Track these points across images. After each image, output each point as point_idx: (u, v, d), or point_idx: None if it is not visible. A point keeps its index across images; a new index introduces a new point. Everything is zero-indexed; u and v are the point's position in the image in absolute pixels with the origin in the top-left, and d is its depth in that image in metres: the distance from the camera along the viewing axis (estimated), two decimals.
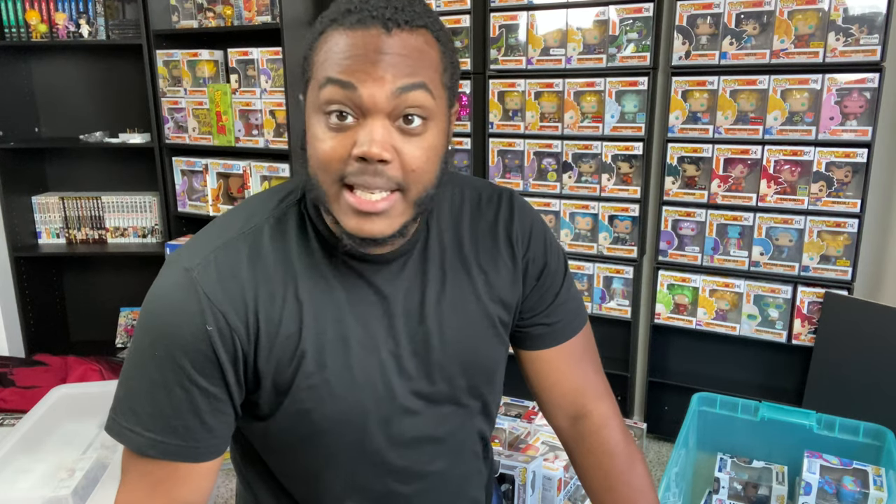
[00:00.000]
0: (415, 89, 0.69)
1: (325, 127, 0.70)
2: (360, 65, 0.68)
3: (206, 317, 0.73)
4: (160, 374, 0.74)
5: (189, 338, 0.73)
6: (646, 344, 2.41)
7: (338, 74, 0.68)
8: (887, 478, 1.53)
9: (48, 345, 3.06)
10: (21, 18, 2.84)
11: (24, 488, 1.56)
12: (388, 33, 0.69)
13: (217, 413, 0.77)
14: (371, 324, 0.80)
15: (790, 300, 2.12)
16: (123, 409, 0.77)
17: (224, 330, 0.73)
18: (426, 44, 0.71)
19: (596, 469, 0.93)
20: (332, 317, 0.78)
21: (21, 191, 3.00)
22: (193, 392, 0.75)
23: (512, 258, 0.88)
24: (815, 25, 1.95)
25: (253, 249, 0.77)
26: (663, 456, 2.36)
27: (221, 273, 0.75)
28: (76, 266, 3.23)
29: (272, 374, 0.77)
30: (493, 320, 0.87)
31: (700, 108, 2.14)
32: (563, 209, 2.39)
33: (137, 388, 0.76)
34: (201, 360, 0.74)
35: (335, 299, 0.79)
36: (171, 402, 0.75)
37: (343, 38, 0.69)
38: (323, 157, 0.70)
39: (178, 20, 2.87)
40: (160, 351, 0.74)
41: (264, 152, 2.77)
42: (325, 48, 0.70)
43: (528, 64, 2.35)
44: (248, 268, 0.76)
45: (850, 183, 1.99)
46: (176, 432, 0.76)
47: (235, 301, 0.74)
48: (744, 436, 1.80)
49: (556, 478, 1.64)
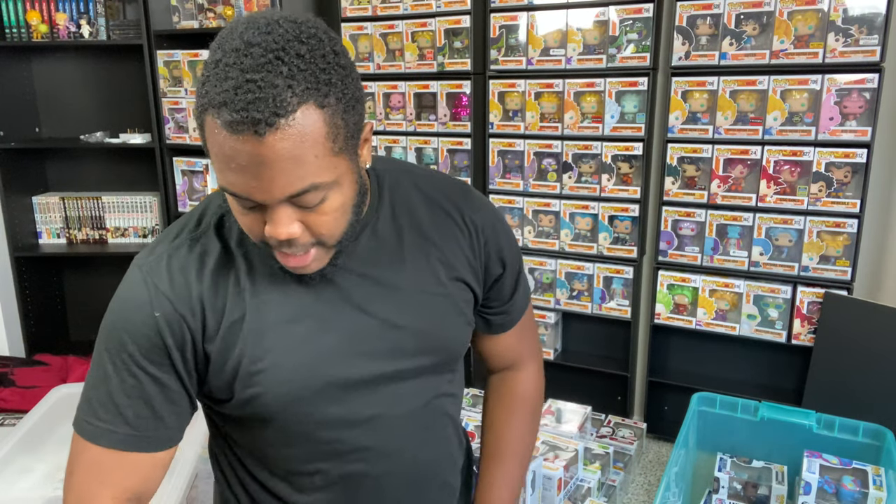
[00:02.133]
0: (304, 193, 0.69)
1: (235, 202, 0.73)
2: (246, 180, 0.68)
3: (153, 305, 0.77)
4: (112, 363, 0.78)
5: (139, 325, 0.77)
6: (646, 344, 2.41)
7: (231, 188, 0.70)
8: (887, 477, 1.53)
9: (48, 345, 3.06)
10: (22, 19, 2.84)
11: (24, 488, 1.56)
12: (262, 139, 0.65)
13: (168, 403, 0.80)
14: (322, 307, 0.82)
15: (790, 300, 2.12)
16: (82, 401, 0.81)
17: (171, 316, 0.77)
18: (302, 130, 0.67)
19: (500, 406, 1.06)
20: (277, 303, 0.80)
21: (21, 191, 3.00)
22: (143, 380, 0.78)
23: (472, 247, 0.91)
24: (815, 26, 1.95)
25: (202, 246, 0.81)
26: (663, 456, 2.36)
27: (171, 268, 0.79)
28: (76, 266, 3.23)
29: (221, 360, 0.80)
30: (454, 300, 0.89)
31: (700, 109, 2.14)
32: (563, 209, 2.39)
33: (92, 380, 0.80)
34: (148, 346, 0.77)
35: (281, 286, 0.81)
36: (123, 390, 0.78)
37: (222, 139, 0.66)
38: (243, 225, 0.75)
39: (179, 20, 2.87)
40: (113, 342, 0.78)
41: None
42: (211, 140, 0.68)
43: (528, 64, 2.35)
44: (195, 263, 0.80)
45: (850, 183, 1.99)
46: (127, 421, 0.79)
47: (182, 291, 0.78)
48: (743, 435, 1.80)
49: (556, 478, 1.65)
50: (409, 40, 2.53)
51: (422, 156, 2.59)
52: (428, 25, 2.48)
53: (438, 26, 2.45)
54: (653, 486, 2.18)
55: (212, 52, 0.69)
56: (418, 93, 2.55)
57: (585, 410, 2.12)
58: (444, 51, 2.47)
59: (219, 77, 0.66)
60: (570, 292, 2.45)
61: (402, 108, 2.60)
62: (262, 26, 0.67)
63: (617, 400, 2.50)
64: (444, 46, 2.47)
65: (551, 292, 2.48)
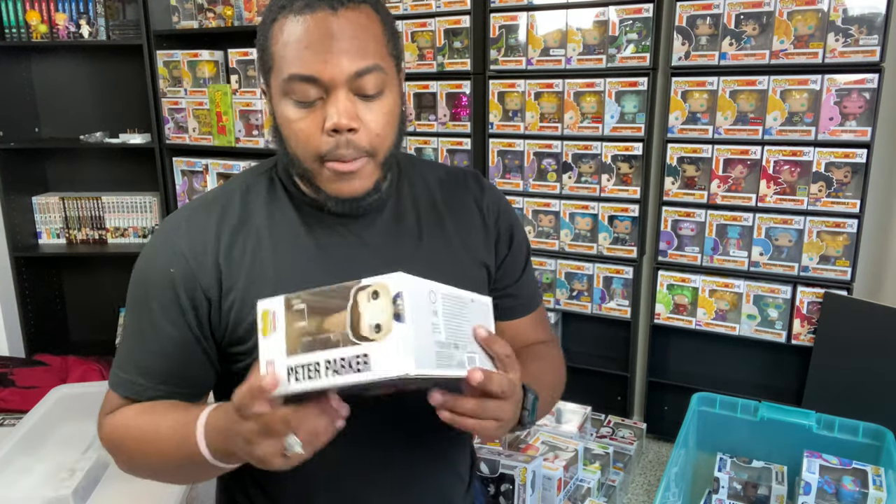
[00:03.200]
0: (369, 73, 0.76)
1: (294, 108, 0.77)
2: (317, 54, 0.74)
3: (171, 261, 0.81)
4: (135, 318, 0.84)
5: (156, 280, 0.81)
6: (645, 344, 2.41)
7: (299, 70, 0.75)
8: (886, 478, 1.53)
9: (48, 345, 3.05)
10: (21, 19, 2.84)
11: (24, 488, 1.56)
12: (335, 13, 0.74)
13: (185, 362, 0.83)
14: (344, 269, 0.83)
15: (790, 300, 2.12)
16: (116, 356, 0.87)
17: (186, 273, 0.81)
18: (369, 19, 0.77)
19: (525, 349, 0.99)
20: (299, 265, 0.83)
21: (21, 191, 3.00)
22: (161, 334, 0.82)
23: (484, 226, 0.95)
24: (815, 26, 1.95)
25: (223, 209, 0.85)
26: (663, 456, 2.36)
27: (191, 227, 0.83)
28: (76, 266, 3.23)
29: (237, 317, 0.82)
30: (470, 277, 0.91)
31: (700, 109, 2.14)
32: (562, 209, 2.39)
33: (122, 336, 0.87)
34: (165, 301, 0.81)
35: (303, 248, 0.84)
36: (143, 343, 0.83)
37: (295, 26, 0.74)
38: (300, 134, 0.78)
39: (179, 21, 2.87)
40: (135, 298, 0.84)
41: (264, 152, 2.77)
42: (281, 39, 0.76)
43: (528, 64, 2.35)
44: (215, 224, 0.83)
45: (850, 183, 1.99)
46: (146, 374, 0.83)
47: (199, 250, 0.82)
48: (743, 436, 1.80)
49: (556, 477, 1.65)
50: (408, 40, 2.53)
51: (422, 156, 2.59)
52: (428, 25, 2.48)
53: (438, 26, 2.45)
54: (653, 487, 2.18)
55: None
56: (418, 93, 2.55)
57: (585, 410, 2.12)
58: (444, 51, 2.47)
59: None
60: (570, 292, 2.45)
61: None
62: None
63: (617, 400, 2.50)
64: (443, 46, 2.47)
65: (551, 292, 2.48)
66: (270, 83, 0.79)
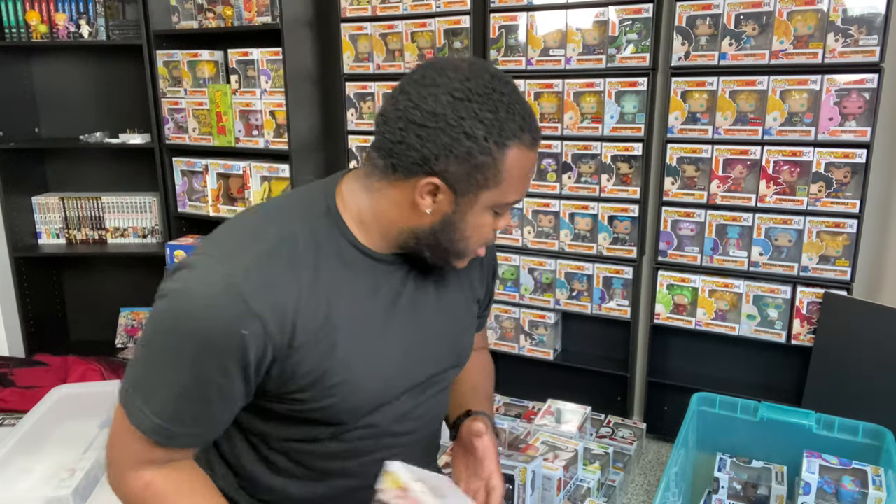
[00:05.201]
0: None
1: (491, 218, 0.89)
2: (525, 186, 0.89)
3: (243, 322, 0.76)
4: (184, 369, 0.78)
5: (222, 340, 0.76)
6: (645, 344, 2.41)
7: (517, 197, 0.88)
8: (886, 478, 1.53)
9: (48, 345, 3.06)
10: (21, 19, 2.84)
11: (24, 488, 1.56)
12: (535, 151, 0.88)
13: (225, 409, 0.83)
14: (391, 324, 0.91)
15: (789, 300, 2.12)
16: (139, 387, 0.81)
17: (259, 335, 0.78)
18: None
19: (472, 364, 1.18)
20: (357, 318, 0.87)
21: (21, 191, 3.00)
22: (211, 389, 0.79)
23: (481, 270, 1.08)
24: (815, 26, 1.95)
25: (291, 257, 0.82)
26: (663, 456, 2.36)
27: (265, 281, 0.78)
28: (76, 266, 3.23)
29: (300, 370, 0.83)
30: (472, 315, 1.07)
31: (699, 109, 2.14)
32: (562, 209, 2.39)
33: (157, 376, 0.80)
34: (229, 361, 0.77)
35: (366, 303, 0.88)
36: (187, 395, 0.79)
37: (526, 160, 0.85)
38: (485, 233, 0.90)
39: (179, 21, 2.87)
40: (189, 348, 0.77)
41: (264, 153, 2.77)
42: (514, 170, 0.84)
43: (527, 64, 2.35)
44: (288, 276, 0.81)
45: (850, 183, 1.99)
46: (182, 422, 0.81)
47: (276, 308, 0.78)
48: (743, 436, 1.80)
49: (556, 478, 1.65)
50: (408, 40, 2.53)
51: None
52: (428, 25, 2.48)
53: (438, 26, 2.46)
54: (652, 487, 2.18)
55: (466, 98, 0.79)
56: None
57: (585, 411, 2.12)
58: (444, 51, 2.47)
59: (502, 111, 0.80)
60: (570, 292, 2.45)
61: None
62: (489, 66, 0.86)
63: (617, 400, 2.50)
64: (443, 47, 2.47)
65: (551, 292, 2.48)
66: (480, 194, 0.84)
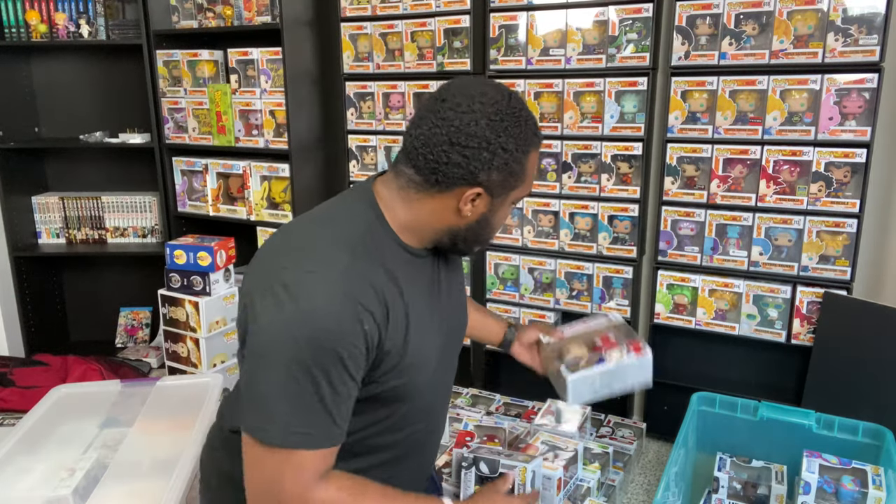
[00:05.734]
0: None
1: (508, 211, 1.06)
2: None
3: (360, 319, 0.92)
4: (322, 373, 0.90)
5: (349, 337, 0.91)
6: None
7: (531, 188, 1.06)
8: (886, 477, 1.53)
9: (48, 345, 3.06)
10: (21, 18, 2.84)
11: (24, 488, 1.56)
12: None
13: (349, 399, 0.95)
14: (434, 308, 1.09)
15: (789, 300, 2.12)
16: (271, 414, 0.91)
17: (372, 328, 0.93)
18: None
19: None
20: (417, 306, 1.03)
21: (21, 191, 3.00)
22: (349, 384, 0.93)
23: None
24: (815, 26, 1.95)
25: (368, 256, 0.98)
26: (663, 456, 2.36)
27: (362, 280, 0.94)
28: (76, 266, 3.23)
29: (390, 358, 0.98)
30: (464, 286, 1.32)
31: (699, 109, 2.14)
32: (562, 209, 2.39)
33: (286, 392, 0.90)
34: (357, 354, 0.92)
35: (418, 292, 1.04)
36: (334, 396, 0.92)
37: (535, 158, 1.03)
38: (499, 225, 1.07)
39: (178, 20, 2.87)
40: (323, 354, 0.90)
41: (264, 152, 2.77)
42: (531, 167, 1.02)
43: (527, 64, 2.35)
44: (374, 272, 0.96)
45: (849, 183, 1.99)
46: (335, 422, 0.93)
47: (376, 303, 0.94)
48: (743, 435, 1.81)
49: (556, 477, 1.64)
50: (408, 40, 2.53)
51: None
52: (427, 25, 2.48)
53: (438, 26, 2.46)
54: (652, 486, 2.18)
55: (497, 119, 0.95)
56: (418, 92, 2.55)
57: (585, 410, 2.11)
58: (444, 51, 2.47)
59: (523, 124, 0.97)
60: (570, 292, 2.45)
61: (401, 108, 2.60)
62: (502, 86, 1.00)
63: (616, 400, 2.50)
64: (443, 46, 2.47)
65: (551, 292, 2.48)
66: (508, 193, 1.01)
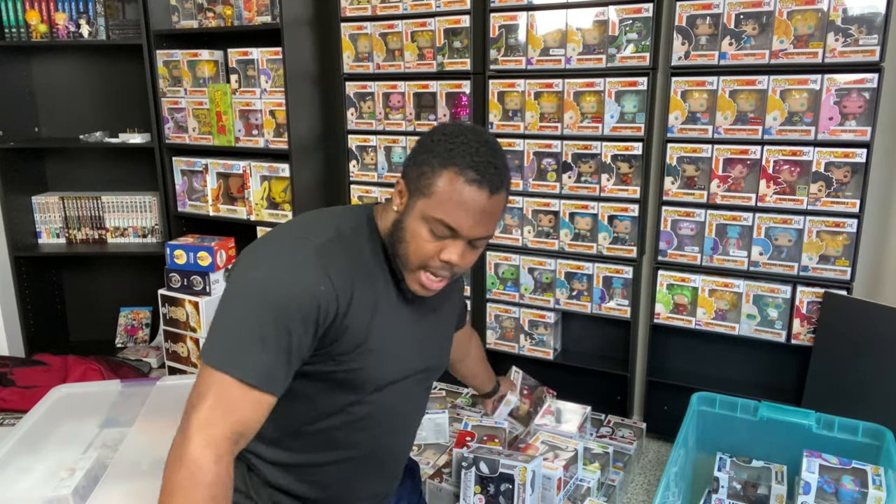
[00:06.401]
0: (485, 238, 1.07)
1: (427, 233, 1.05)
2: (467, 219, 1.02)
3: (321, 280, 1.00)
4: (271, 317, 0.97)
5: (306, 295, 0.99)
6: (645, 344, 2.41)
7: (449, 221, 1.02)
8: (886, 477, 1.53)
9: (48, 345, 3.06)
10: (21, 18, 2.84)
11: (24, 488, 1.56)
12: (490, 197, 1.02)
13: (297, 358, 1.01)
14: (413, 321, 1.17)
15: (789, 300, 2.12)
16: (219, 338, 0.99)
17: (330, 293, 1.01)
18: (504, 202, 1.07)
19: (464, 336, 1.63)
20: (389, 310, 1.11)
21: (21, 191, 3.00)
22: (292, 336, 0.99)
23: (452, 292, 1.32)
24: (815, 26, 1.95)
25: (352, 245, 1.08)
26: (663, 456, 2.36)
27: (333, 256, 1.04)
28: (76, 266, 3.23)
29: (350, 336, 1.05)
30: (453, 326, 1.40)
31: (699, 109, 2.14)
32: (562, 209, 2.39)
33: (237, 323, 0.98)
34: (306, 312, 0.99)
35: (394, 300, 1.12)
36: (274, 339, 0.97)
37: (462, 190, 1.01)
38: (423, 253, 1.06)
39: (178, 20, 2.87)
40: (279, 300, 0.98)
41: (264, 152, 2.77)
42: (447, 190, 1.01)
43: (527, 64, 2.35)
44: (350, 257, 1.06)
45: (850, 183, 1.99)
46: (264, 363, 0.97)
47: (342, 276, 1.03)
48: (743, 435, 1.81)
49: (556, 477, 1.65)
50: (408, 40, 2.53)
51: None
52: (427, 25, 2.48)
53: (438, 26, 2.46)
54: (652, 486, 2.18)
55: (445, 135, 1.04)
56: (418, 92, 2.55)
57: (585, 410, 2.12)
58: (444, 50, 2.47)
59: (468, 151, 1.01)
60: (570, 292, 2.45)
61: (401, 108, 2.60)
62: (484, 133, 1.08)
63: (616, 400, 2.50)
64: (443, 46, 2.47)
65: (551, 292, 2.48)
66: (417, 200, 1.04)
